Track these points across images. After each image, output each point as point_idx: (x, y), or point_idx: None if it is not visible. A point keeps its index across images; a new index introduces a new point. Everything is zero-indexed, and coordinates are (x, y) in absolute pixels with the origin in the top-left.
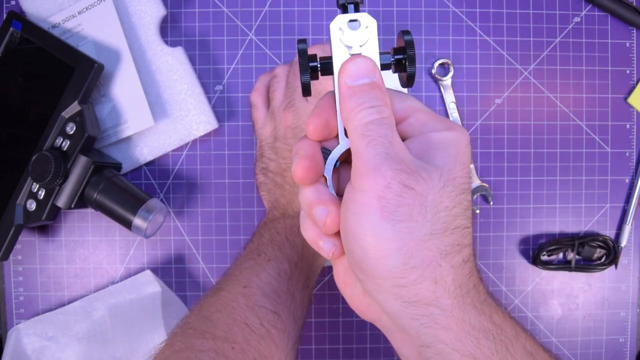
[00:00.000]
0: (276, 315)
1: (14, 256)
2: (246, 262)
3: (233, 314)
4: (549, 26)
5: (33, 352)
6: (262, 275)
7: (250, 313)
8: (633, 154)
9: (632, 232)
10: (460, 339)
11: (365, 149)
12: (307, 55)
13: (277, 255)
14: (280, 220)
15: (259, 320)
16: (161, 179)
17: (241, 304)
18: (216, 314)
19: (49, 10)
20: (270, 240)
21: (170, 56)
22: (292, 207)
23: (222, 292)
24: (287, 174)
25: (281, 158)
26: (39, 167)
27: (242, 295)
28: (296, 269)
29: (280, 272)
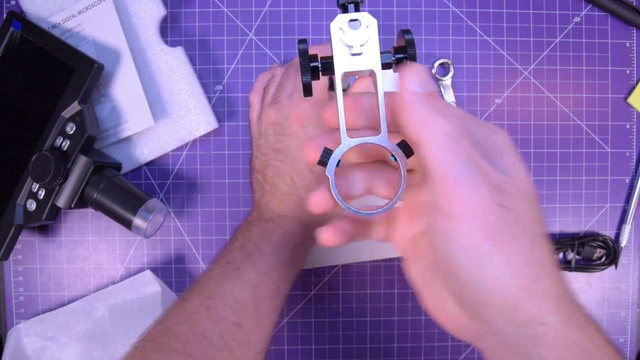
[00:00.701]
0: (238, 327)
1: (14, 256)
2: (214, 270)
3: (193, 326)
4: (549, 26)
5: (33, 352)
6: (226, 285)
7: (210, 325)
8: (633, 154)
9: (632, 232)
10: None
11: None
12: (308, 55)
13: (245, 264)
14: (255, 223)
15: (218, 333)
16: (161, 179)
17: (202, 316)
18: (177, 326)
19: (49, 10)
20: (241, 246)
21: (170, 56)
22: (268, 210)
23: (186, 304)
24: (267, 172)
25: (262, 155)
26: (39, 167)
27: (204, 307)
28: (264, 279)
29: (246, 282)
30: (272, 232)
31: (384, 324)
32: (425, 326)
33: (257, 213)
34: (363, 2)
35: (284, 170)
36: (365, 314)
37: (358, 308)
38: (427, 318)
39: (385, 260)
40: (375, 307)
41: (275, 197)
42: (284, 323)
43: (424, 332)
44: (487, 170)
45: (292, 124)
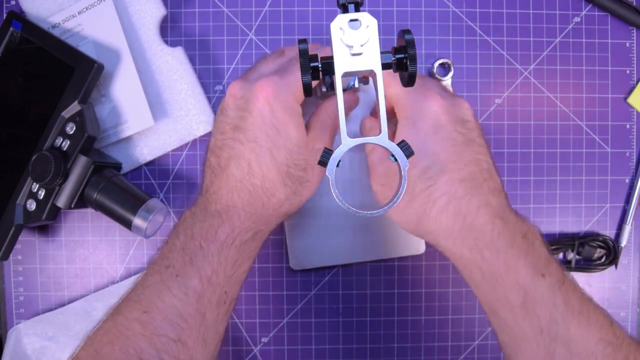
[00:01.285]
0: (179, 343)
1: (14, 256)
2: (151, 277)
3: (126, 346)
4: (549, 26)
5: (33, 352)
6: (165, 296)
7: (146, 344)
8: (633, 154)
9: (632, 232)
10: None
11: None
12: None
13: (186, 269)
14: (199, 217)
15: (156, 353)
16: (161, 179)
17: (137, 333)
18: (107, 346)
19: (49, 10)
20: (183, 246)
21: (170, 56)
22: (216, 199)
23: (119, 317)
24: (221, 152)
25: (219, 133)
26: (39, 167)
27: (138, 323)
28: (209, 285)
29: (188, 291)
30: (218, 229)
31: (384, 324)
32: (425, 326)
33: (203, 202)
34: (363, 3)
35: (241, 153)
36: (365, 314)
37: (358, 308)
38: (427, 318)
39: (385, 260)
40: (375, 307)
41: (226, 183)
42: (284, 323)
43: (424, 332)
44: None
45: (258, 98)
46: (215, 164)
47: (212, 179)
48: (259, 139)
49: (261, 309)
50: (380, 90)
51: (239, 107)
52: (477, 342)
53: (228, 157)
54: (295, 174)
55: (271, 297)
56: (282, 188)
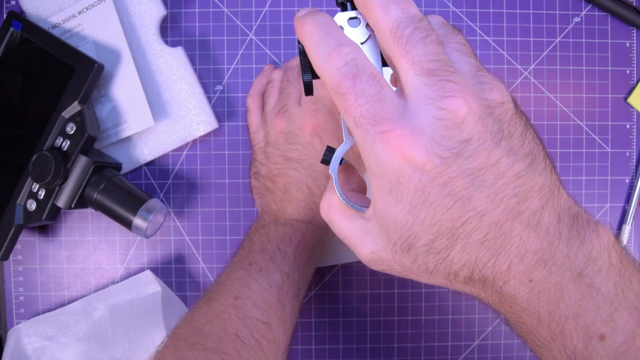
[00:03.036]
0: (267, 325)
1: (14, 256)
2: (237, 272)
3: (224, 325)
4: (549, 26)
5: (33, 352)
6: (253, 286)
7: (241, 324)
8: (633, 154)
9: (632, 232)
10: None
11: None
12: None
13: (268, 265)
14: (272, 227)
15: (249, 332)
16: (161, 179)
17: (232, 315)
18: (207, 326)
19: (49, 10)
20: (262, 248)
21: (170, 56)
22: (283, 214)
23: (213, 303)
24: (278, 179)
25: (272, 163)
26: (39, 167)
27: (233, 307)
28: (287, 279)
29: (271, 283)
30: (291, 235)
31: (384, 324)
32: (425, 326)
33: (271, 217)
34: None
35: (299, 178)
36: (365, 314)
37: (358, 308)
38: (427, 318)
39: None
40: (375, 307)
41: (290, 203)
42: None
43: (424, 332)
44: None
45: (306, 133)
46: (273, 187)
47: (273, 199)
48: (313, 165)
49: None
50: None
51: (288, 140)
52: (477, 342)
53: (286, 182)
54: None
55: None
56: None
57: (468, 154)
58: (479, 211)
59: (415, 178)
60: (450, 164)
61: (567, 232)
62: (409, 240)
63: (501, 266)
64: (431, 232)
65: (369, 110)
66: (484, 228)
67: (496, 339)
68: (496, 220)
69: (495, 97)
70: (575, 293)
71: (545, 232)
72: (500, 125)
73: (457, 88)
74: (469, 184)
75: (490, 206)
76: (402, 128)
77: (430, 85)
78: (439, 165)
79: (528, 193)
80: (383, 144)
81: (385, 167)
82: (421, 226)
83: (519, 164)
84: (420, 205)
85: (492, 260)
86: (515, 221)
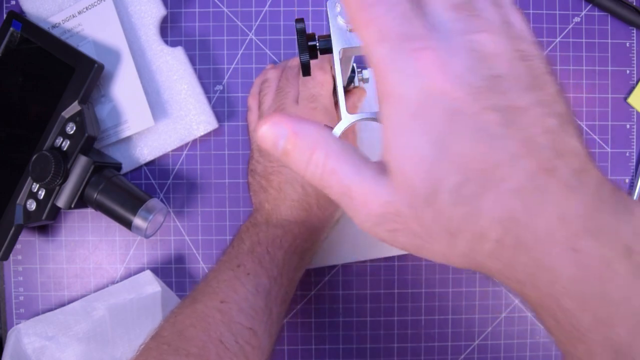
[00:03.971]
0: (252, 331)
1: (14, 256)
2: (224, 273)
3: (208, 329)
4: (549, 26)
5: (33, 352)
6: (239, 290)
7: (225, 329)
8: (633, 154)
9: None
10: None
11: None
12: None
13: (257, 269)
14: (263, 227)
15: (233, 337)
16: (161, 179)
17: (217, 320)
18: (190, 329)
19: (49, 10)
20: (251, 250)
21: (170, 56)
22: (275, 214)
23: (198, 305)
24: (272, 177)
25: (267, 161)
26: (39, 167)
27: (218, 311)
28: (275, 284)
29: (259, 288)
30: (282, 238)
31: (384, 324)
32: (425, 326)
33: (263, 217)
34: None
35: (294, 177)
36: (365, 314)
37: (358, 308)
38: (427, 318)
39: (386, 260)
40: (375, 307)
41: (284, 202)
42: (284, 323)
43: (424, 332)
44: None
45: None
46: (267, 186)
47: (266, 197)
48: None
49: None
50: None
51: None
52: (477, 342)
53: (281, 181)
54: None
55: None
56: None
57: (500, 90)
58: (511, 153)
59: (444, 103)
60: (482, 94)
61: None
62: (433, 183)
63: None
64: (459, 172)
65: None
66: (518, 175)
67: (496, 339)
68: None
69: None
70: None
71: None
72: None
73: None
74: (501, 120)
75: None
76: (435, 49)
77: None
78: (469, 94)
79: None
80: (415, 60)
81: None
82: (448, 163)
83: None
84: (447, 137)
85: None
86: (552, 177)
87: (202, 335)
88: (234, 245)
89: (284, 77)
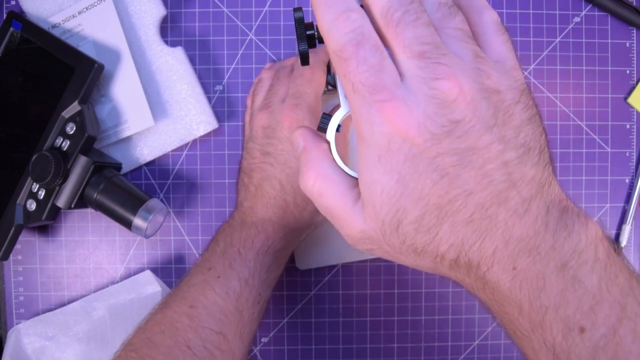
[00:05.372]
0: (221, 336)
1: (14, 256)
2: (195, 277)
3: (176, 335)
4: (549, 26)
5: (33, 352)
6: (209, 294)
7: (193, 335)
8: (633, 154)
9: (632, 232)
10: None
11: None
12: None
13: (227, 272)
14: (237, 227)
15: (201, 342)
16: (161, 179)
17: (185, 325)
18: (159, 335)
19: (49, 10)
20: (223, 251)
21: (170, 56)
22: (251, 213)
23: (168, 311)
24: (254, 174)
25: (251, 157)
26: (39, 167)
27: (186, 316)
28: (246, 286)
29: (229, 291)
30: (255, 238)
31: (384, 324)
32: (425, 326)
33: (240, 216)
34: None
35: (273, 174)
36: (365, 314)
37: (358, 308)
38: (427, 318)
39: (385, 260)
40: (375, 307)
41: (261, 200)
42: (284, 323)
43: (424, 332)
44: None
45: (284, 128)
46: (248, 183)
47: (246, 195)
48: (288, 161)
49: None
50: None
51: (266, 135)
52: (477, 342)
53: (261, 178)
54: None
55: (271, 297)
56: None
57: (458, 134)
58: (465, 189)
59: (406, 148)
60: (440, 140)
61: (554, 223)
62: (398, 215)
63: (486, 250)
64: (419, 207)
65: (368, 79)
66: (470, 207)
67: (496, 339)
68: (482, 202)
69: (491, 83)
70: (557, 284)
71: (532, 222)
72: (495, 112)
73: (447, 70)
74: (457, 162)
75: (477, 187)
76: (398, 100)
77: (422, 68)
78: (429, 140)
79: (517, 182)
80: (379, 111)
81: (377, 134)
82: (410, 199)
83: (510, 153)
84: (409, 176)
85: (477, 243)
86: (502, 206)
87: (169, 342)
88: (208, 249)
89: (275, 76)
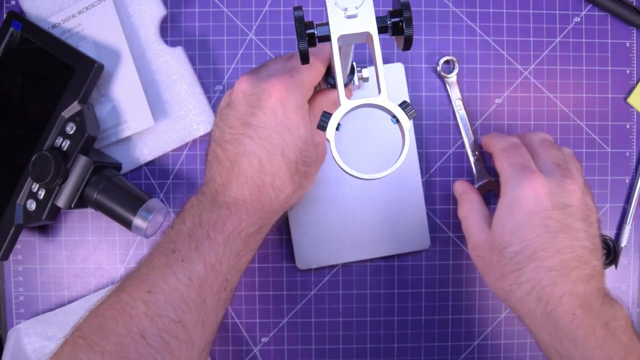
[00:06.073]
0: (180, 324)
1: (14, 256)
2: (157, 259)
3: (129, 323)
4: (549, 26)
5: (33, 352)
6: (169, 279)
7: (148, 323)
8: (633, 154)
9: (632, 232)
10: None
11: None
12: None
13: (192, 255)
14: (207, 206)
15: (157, 332)
16: (161, 179)
17: (140, 312)
18: (111, 322)
19: (49, 10)
20: (190, 232)
21: (170, 56)
22: (224, 192)
23: (123, 295)
24: (229, 147)
25: (227, 127)
26: (39, 167)
27: (143, 302)
28: (212, 272)
29: (192, 277)
30: (226, 220)
31: (384, 324)
32: (425, 326)
33: (211, 193)
34: None
35: (253, 149)
36: (365, 314)
37: (358, 308)
38: (427, 318)
39: (385, 260)
40: (375, 307)
41: (237, 178)
42: (284, 323)
43: (424, 332)
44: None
45: (271, 97)
46: (222, 156)
47: (219, 170)
48: (270, 137)
49: (261, 309)
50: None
51: (249, 103)
52: (477, 342)
53: (237, 152)
54: (302, 170)
55: (271, 297)
56: (290, 184)
57: (566, 212)
58: (557, 248)
59: (531, 204)
60: (554, 208)
61: (602, 297)
62: (505, 243)
63: (556, 294)
64: (521, 245)
65: (522, 161)
66: (555, 261)
67: (496, 339)
68: (564, 260)
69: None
70: (602, 333)
71: (590, 289)
72: (587, 215)
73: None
74: (558, 228)
75: (564, 249)
76: (540, 174)
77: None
78: (549, 205)
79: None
80: (526, 178)
81: (517, 191)
82: (518, 237)
83: (587, 242)
84: (524, 223)
85: (550, 287)
86: (575, 270)
87: (121, 330)
88: (174, 226)
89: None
